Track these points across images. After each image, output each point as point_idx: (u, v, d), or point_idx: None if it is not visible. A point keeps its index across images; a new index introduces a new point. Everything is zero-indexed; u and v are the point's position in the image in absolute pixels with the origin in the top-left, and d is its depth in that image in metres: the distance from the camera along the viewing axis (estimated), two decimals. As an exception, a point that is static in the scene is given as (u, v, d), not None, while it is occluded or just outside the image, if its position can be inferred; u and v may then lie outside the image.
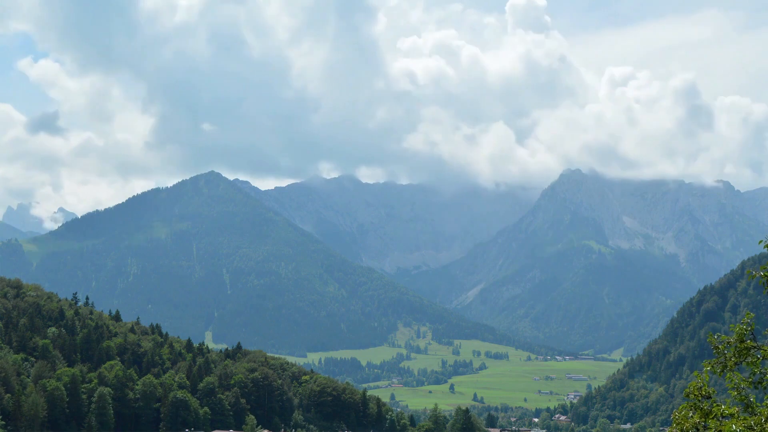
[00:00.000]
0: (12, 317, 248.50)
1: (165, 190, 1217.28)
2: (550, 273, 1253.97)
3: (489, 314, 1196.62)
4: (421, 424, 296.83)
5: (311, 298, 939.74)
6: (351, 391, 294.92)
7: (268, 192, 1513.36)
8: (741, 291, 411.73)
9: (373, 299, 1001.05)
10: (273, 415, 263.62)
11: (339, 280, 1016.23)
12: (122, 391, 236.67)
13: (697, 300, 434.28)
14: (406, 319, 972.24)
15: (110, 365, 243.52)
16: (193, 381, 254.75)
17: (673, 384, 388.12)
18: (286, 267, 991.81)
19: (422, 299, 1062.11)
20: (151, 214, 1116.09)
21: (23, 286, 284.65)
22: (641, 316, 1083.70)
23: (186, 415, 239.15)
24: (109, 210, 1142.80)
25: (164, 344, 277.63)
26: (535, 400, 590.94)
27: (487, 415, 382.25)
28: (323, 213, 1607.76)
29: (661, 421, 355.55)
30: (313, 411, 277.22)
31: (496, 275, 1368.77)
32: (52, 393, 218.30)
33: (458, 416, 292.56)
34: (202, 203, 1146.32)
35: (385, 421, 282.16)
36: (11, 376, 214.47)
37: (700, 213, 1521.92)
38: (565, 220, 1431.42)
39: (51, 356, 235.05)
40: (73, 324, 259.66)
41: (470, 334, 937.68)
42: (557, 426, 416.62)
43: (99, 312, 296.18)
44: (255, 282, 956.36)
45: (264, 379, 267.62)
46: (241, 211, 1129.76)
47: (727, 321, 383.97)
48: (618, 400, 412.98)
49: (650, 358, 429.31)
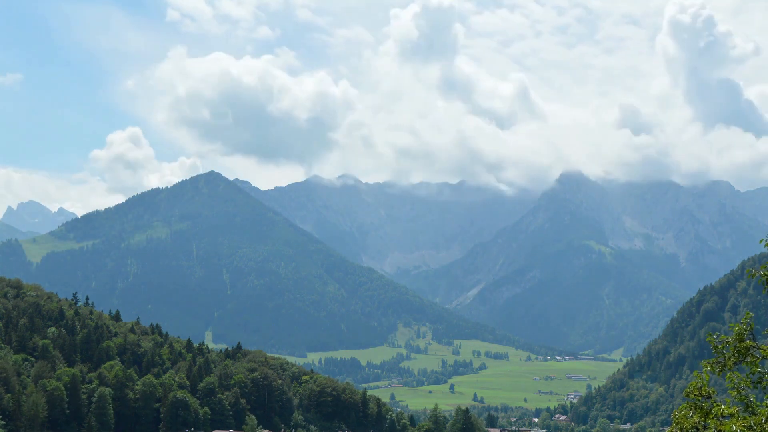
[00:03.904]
0: (12, 317, 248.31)
1: (165, 190, 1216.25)
2: (550, 273, 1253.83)
3: (489, 314, 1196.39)
4: (421, 424, 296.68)
5: (311, 298, 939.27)
6: (351, 391, 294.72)
7: (268, 192, 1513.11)
8: (741, 291, 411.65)
9: (373, 299, 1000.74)
10: (273, 415, 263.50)
11: (339, 280, 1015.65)
12: (122, 391, 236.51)
13: (697, 300, 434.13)
14: (406, 319, 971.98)
15: (110, 365, 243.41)
16: (193, 381, 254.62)
17: (673, 384, 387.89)
18: (286, 267, 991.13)
19: (422, 299, 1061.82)
20: (151, 214, 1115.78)
21: (23, 286, 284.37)
22: (641, 316, 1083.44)
23: (186, 415, 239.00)
24: (109, 210, 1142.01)
25: (164, 344, 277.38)
26: (535, 400, 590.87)
27: (487, 415, 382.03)
28: (323, 213, 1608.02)
29: (661, 421, 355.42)
30: (313, 411, 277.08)
31: (496, 275, 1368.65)
32: (52, 393, 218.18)
33: (458, 416, 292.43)
34: (202, 203, 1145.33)
35: (385, 421, 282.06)
36: (11, 376, 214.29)
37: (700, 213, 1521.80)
38: (565, 220, 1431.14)
39: (51, 356, 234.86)
40: (73, 324, 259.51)
41: (470, 334, 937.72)
42: (557, 426, 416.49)
43: (99, 312, 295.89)
44: (255, 282, 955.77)
45: (264, 379, 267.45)
46: (241, 211, 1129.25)
47: (727, 321, 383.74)
48: (618, 400, 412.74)
49: (650, 358, 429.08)
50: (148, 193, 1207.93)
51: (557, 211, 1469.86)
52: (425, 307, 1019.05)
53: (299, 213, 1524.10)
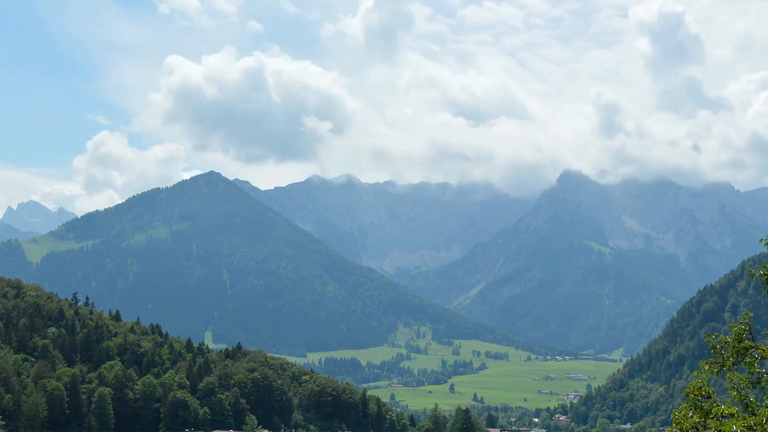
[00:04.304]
0: (12, 317, 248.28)
1: (165, 190, 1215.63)
2: (550, 273, 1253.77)
3: (489, 314, 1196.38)
4: (421, 424, 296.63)
5: (311, 298, 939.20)
6: (351, 391, 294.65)
7: (268, 192, 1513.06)
8: (741, 291, 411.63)
9: (373, 299, 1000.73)
10: (273, 415, 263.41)
11: (339, 280, 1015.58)
12: (122, 391, 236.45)
13: (697, 300, 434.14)
14: (406, 319, 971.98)
15: (110, 365, 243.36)
16: (193, 381, 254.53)
17: (673, 384, 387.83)
18: (286, 267, 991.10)
19: (422, 299, 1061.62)
20: (151, 214, 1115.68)
21: (23, 286, 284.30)
22: (641, 316, 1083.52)
23: (186, 415, 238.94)
24: (109, 210, 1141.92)
25: (164, 344, 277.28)
26: (535, 400, 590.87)
27: (487, 415, 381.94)
28: (323, 213, 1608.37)
29: (661, 421, 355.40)
30: (313, 411, 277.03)
31: (496, 275, 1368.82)
32: (52, 393, 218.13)
33: (458, 416, 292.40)
34: (202, 203, 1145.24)
35: (385, 421, 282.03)
36: (11, 376, 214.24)
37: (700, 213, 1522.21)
38: (565, 220, 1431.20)
39: (51, 356, 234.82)
40: (73, 324, 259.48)
41: (470, 334, 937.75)
42: (557, 426, 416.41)
43: (99, 312, 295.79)
44: (255, 282, 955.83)
45: (264, 379, 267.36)
46: (241, 211, 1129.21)
47: (727, 321, 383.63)
48: (618, 400, 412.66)
49: (650, 358, 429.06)
50: (148, 193, 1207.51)
51: (557, 211, 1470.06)
52: (425, 307, 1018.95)
53: (299, 213, 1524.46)
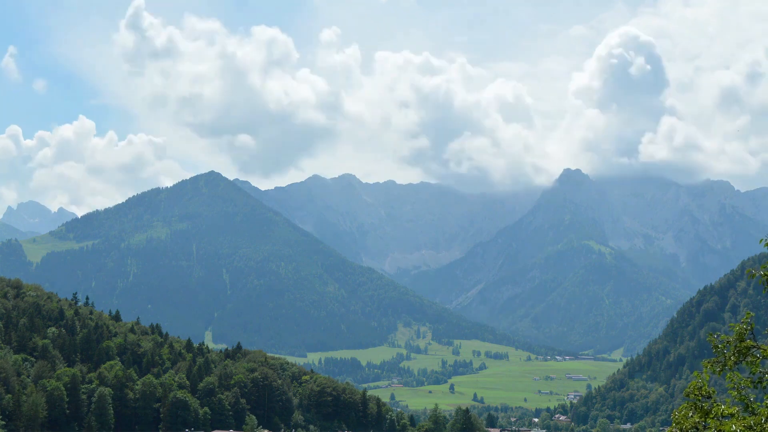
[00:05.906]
0: (12, 317, 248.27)
1: (165, 190, 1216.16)
2: (550, 273, 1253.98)
3: (489, 314, 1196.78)
4: (421, 424, 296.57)
5: (311, 298, 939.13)
6: (351, 391, 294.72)
7: (268, 192, 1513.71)
8: (741, 291, 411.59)
9: (373, 299, 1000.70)
10: (273, 415, 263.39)
11: (339, 280, 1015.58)
12: (122, 391, 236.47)
13: (697, 300, 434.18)
14: (405, 319, 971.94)
15: (110, 365, 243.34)
16: (193, 381, 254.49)
17: (673, 384, 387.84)
18: (286, 267, 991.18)
19: (422, 299, 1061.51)
20: (150, 214, 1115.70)
21: (23, 286, 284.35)
22: (641, 316, 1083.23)
23: (186, 415, 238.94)
24: (109, 210, 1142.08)
25: (164, 344, 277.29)
26: (535, 400, 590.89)
27: (487, 415, 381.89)
28: (323, 213, 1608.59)
29: (661, 421, 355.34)
30: (313, 411, 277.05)
31: (496, 275, 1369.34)
32: (52, 393, 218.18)
33: (458, 416, 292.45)
34: (202, 203, 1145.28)
35: (385, 421, 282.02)
36: (11, 376, 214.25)
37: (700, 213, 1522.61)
38: (565, 220, 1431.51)
39: (51, 356, 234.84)
40: (73, 324, 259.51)
41: (470, 334, 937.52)
42: (557, 426, 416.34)
43: (99, 312, 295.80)
44: (255, 282, 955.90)
45: (264, 379, 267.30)
46: (241, 211, 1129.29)
47: (727, 321, 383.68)
48: (618, 400, 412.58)
49: (650, 358, 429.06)
50: (148, 193, 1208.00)
51: (557, 211, 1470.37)
52: (425, 307, 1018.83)
53: (299, 213, 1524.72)
